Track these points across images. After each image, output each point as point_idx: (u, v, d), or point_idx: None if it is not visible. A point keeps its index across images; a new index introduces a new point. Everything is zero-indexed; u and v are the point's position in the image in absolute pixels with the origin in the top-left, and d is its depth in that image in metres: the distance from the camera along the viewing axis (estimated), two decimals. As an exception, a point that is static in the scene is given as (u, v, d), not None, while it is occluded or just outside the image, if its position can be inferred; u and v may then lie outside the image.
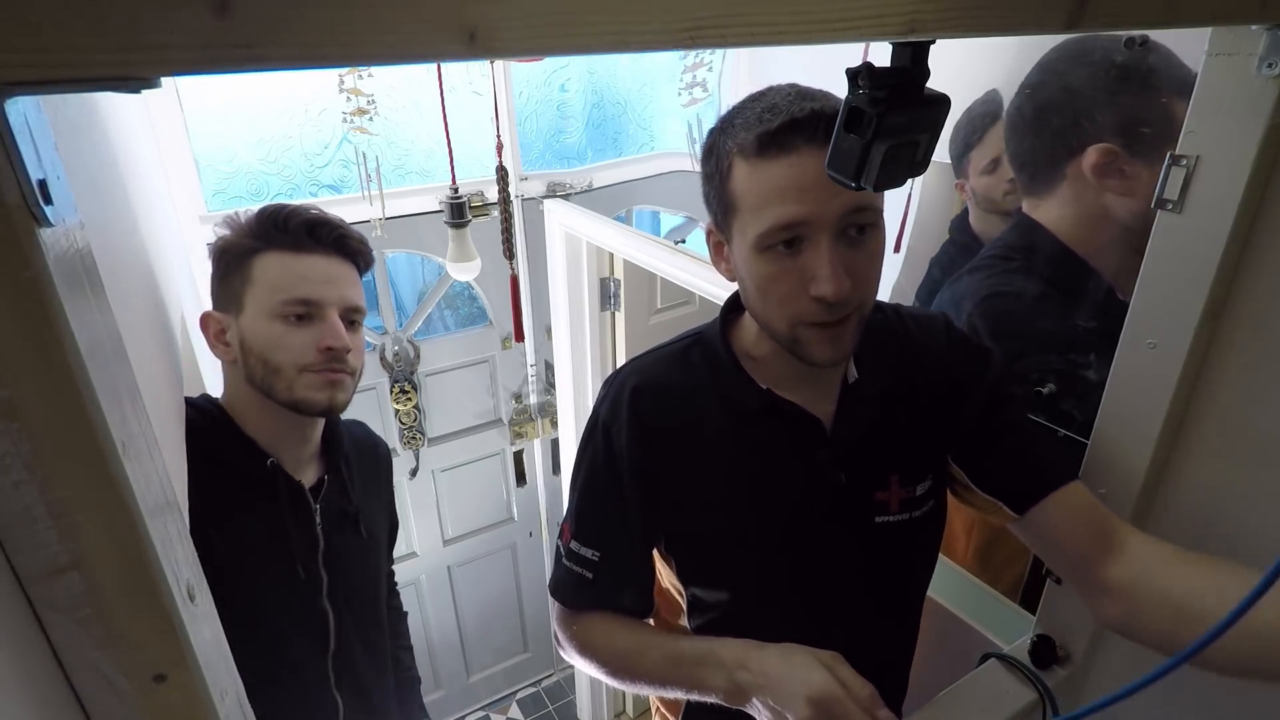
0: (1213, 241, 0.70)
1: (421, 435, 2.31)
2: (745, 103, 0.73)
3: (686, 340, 0.88)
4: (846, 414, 0.84)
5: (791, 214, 0.68)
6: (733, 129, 0.72)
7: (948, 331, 0.89)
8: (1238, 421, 0.76)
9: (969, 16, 0.43)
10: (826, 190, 0.66)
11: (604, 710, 2.66)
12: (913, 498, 0.86)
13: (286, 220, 0.92)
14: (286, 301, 0.90)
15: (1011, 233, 1.08)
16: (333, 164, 1.95)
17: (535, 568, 2.70)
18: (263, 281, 0.90)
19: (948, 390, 0.85)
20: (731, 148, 0.72)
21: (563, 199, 2.16)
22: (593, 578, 0.86)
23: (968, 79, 1.07)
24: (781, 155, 0.68)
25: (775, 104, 0.69)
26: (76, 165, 0.50)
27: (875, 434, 0.84)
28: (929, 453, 0.87)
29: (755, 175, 0.70)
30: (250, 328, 0.91)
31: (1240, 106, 0.66)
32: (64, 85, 0.26)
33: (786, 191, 0.68)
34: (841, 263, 0.70)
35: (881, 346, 0.86)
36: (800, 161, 0.67)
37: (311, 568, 0.98)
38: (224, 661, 0.47)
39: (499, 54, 0.32)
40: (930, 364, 0.86)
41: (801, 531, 0.85)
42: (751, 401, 0.82)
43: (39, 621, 0.35)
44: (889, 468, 0.85)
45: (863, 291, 0.73)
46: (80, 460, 0.33)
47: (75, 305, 0.32)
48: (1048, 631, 0.96)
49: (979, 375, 0.85)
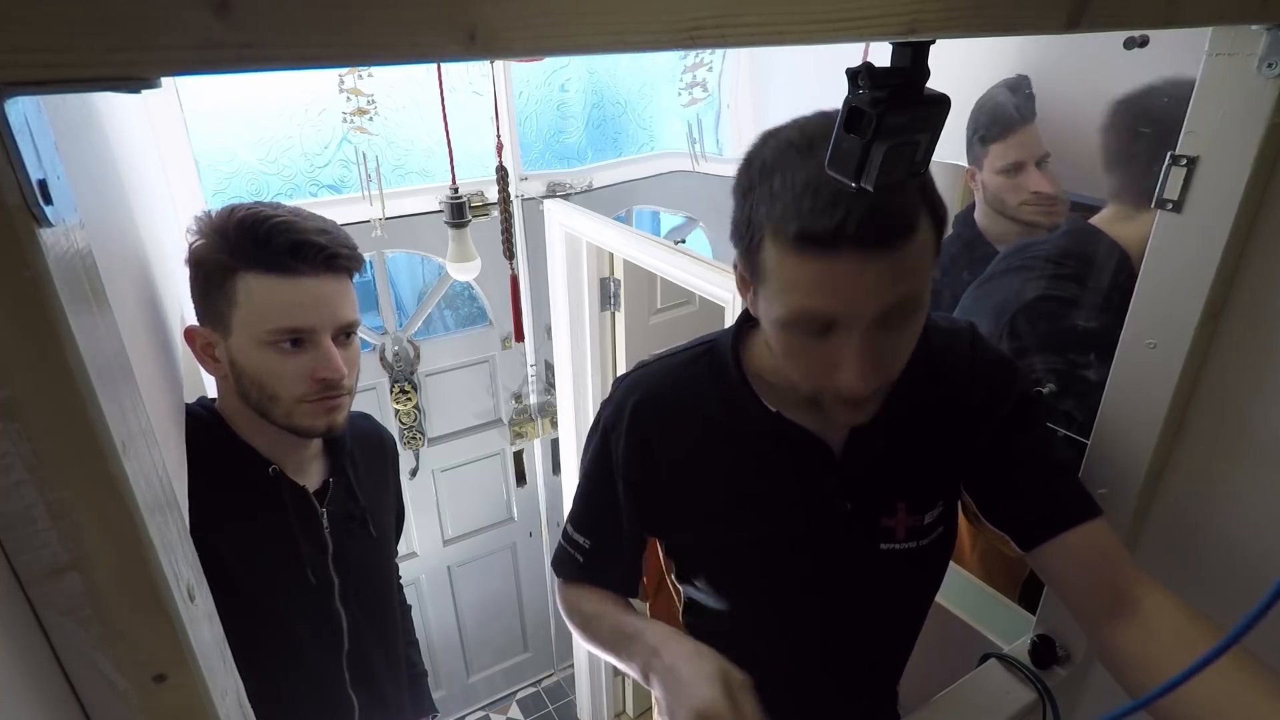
0: (1213, 241, 0.70)
1: (421, 435, 2.31)
2: (783, 153, 0.63)
3: (697, 349, 0.86)
4: (859, 443, 0.80)
5: (821, 309, 0.63)
6: (771, 196, 0.62)
7: (972, 347, 0.82)
8: (1238, 421, 0.76)
9: (969, 16, 0.43)
10: (865, 292, 0.61)
11: (604, 710, 2.66)
12: (920, 526, 0.83)
13: (268, 238, 0.84)
14: (276, 331, 0.85)
15: (1066, 239, 1.03)
16: (333, 164, 1.95)
17: (535, 568, 2.70)
18: (248, 306, 0.85)
19: (966, 414, 0.81)
20: (765, 222, 0.63)
21: (563, 199, 2.16)
22: (582, 561, 0.90)
23: (971, 78, 1.07)
24: (822, 256, 0.60)
25: (817, 187, 0.59)
26: (76, 165, 0.50)
27: (886, 462, 0.81)
28: (940, 480, 0.83)
29: (787, 265, 0.62)
30: (240, 351, 0.87)
31: (1240, 106, 0.66)
32: (64, 85, 0.26)
33: (820, 289, 0.62)
34: (873, 354, 0.64)
35: (905, 369, 0.81)
36: (841, 265, 0.60)
37: (321, 572, 0.98)
38: (224, 661, 0.47)
39: (499, 54, 0.32)
40: (950, 387, 0.81)
41: (802, 555, 0.83)
42: (758, 423, 0.80)
43: (39, 621, 0.35)
44: (897, 495, 0.82)
45: (892, 371, 0.68)
46: (80, 460, 0.33)
47: (75, 305, 0.32)
48: (1048, 631, 0.96)
49: (1000, 399, 0.80)
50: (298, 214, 0.88)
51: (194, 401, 0.96)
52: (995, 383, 0.81)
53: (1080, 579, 0.74)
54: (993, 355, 0.83)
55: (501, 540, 2.61)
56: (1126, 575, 0.72)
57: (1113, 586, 0.72)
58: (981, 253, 1.13)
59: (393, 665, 1.13)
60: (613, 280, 2.16)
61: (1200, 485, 0.81)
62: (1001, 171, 1.06)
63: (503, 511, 2.59)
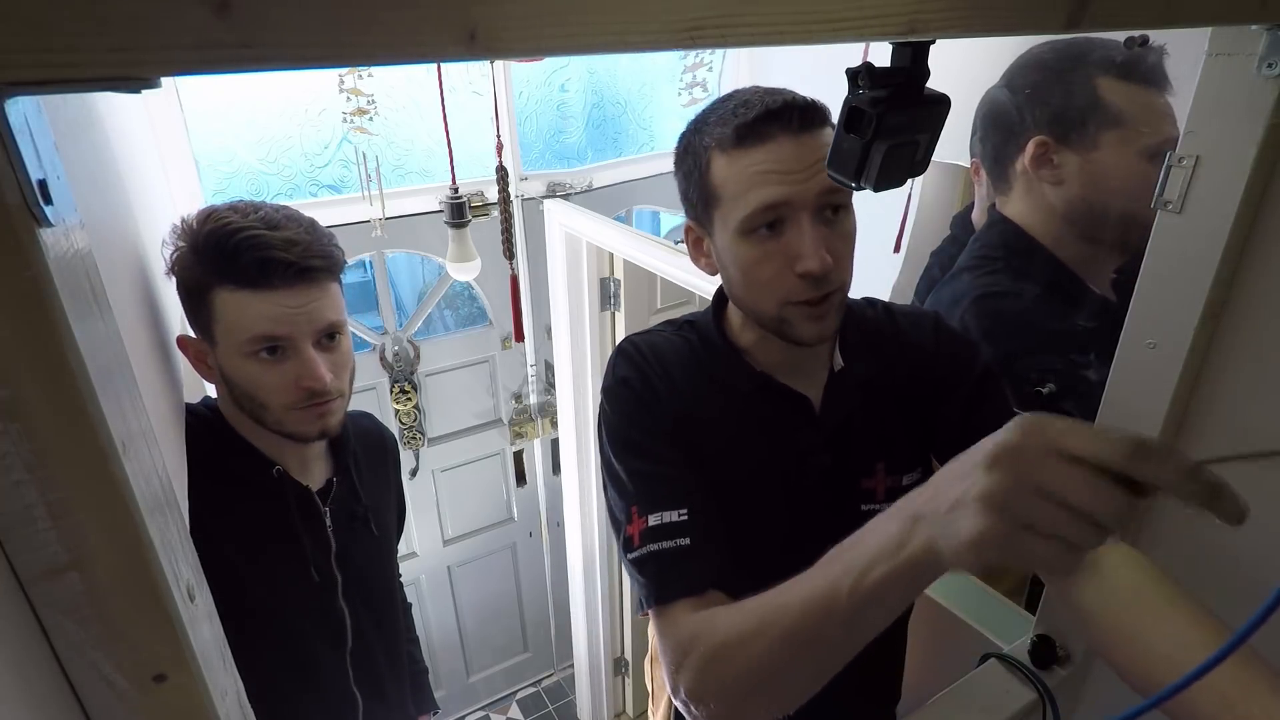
0: (1213, 241, 0.70)
1: (421, 435, 2.31)
2: (715, 104, 0.78)
3: (680, 323, 0.91)
4: (833, 397, 0.86)
5: (773, 195, 0.72)
6: (707, 126, 0.77)
7: (936, 329, 0.91)
8: (1238, 421, 0.76)
9: (969, 16, 0.43)
10: (804, 172, 0.72)
11: (604, 710, 2.67)
12: (899, 488, 0.87)
13: (235, 253, 0.82)
14: (252, 340, 0.85)
15: (988, 232, 1.09)
16: (333, 164, 1.95)
17: (535, 568, 2.71)
18: (224, 320, 0.84)
19: (932, 387, 0.87)
20: (710, 143, 0.76)
21: (563, 199, 2.16)
22: (690, 543, 0.71)
23: (970, 78, 1.07)
24: (759, 144, 0.72)
25: (747, 99, 0.74)
26: (76, 165, 0.50)
27: (861, 420, 0.86)
28: (916, 446, 0.89)
29: (735, 164, 0.74)
30: (226, 362, 0.87)
31: (1240, 106, 0.66)
32: (64, 85, 0.26)
33: (767, 175, 0.72)
34: (822, 241, 0.73)
35: (869, 339, 0.89)
36: (778, 148, 0.72)
37: (325, 569, 0.98)
38: (224, 661, 0.47)
39: (499, 54, 0.32)
40: (916, 359, 0.88)
41: (788, 512, 0.85)
42: (746, 382, 0.84)
43: (39, 621, 0.35)
44: (875, 455, 0.87)
45: (842, 270, 0.76)
46: (80, 460, 0.33)
47: (75, 305, 0.32)
48: (1048, 631, 0.96)
49: (963, 372, 0.87)
50: (269, 222, 0.85)
51: (198, 401, 0.96)
52: (958, 359, 0.88)
53: None
54: (955, 334, 0.92)
55: (501, 540, 2.61)
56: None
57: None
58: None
59: (395, 662, 1.13)
60: (613, 280, 2.16)
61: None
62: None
63: (503, 511, 2.59)
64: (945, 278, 1.14)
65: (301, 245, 0.85)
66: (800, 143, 0.72)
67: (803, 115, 0.72)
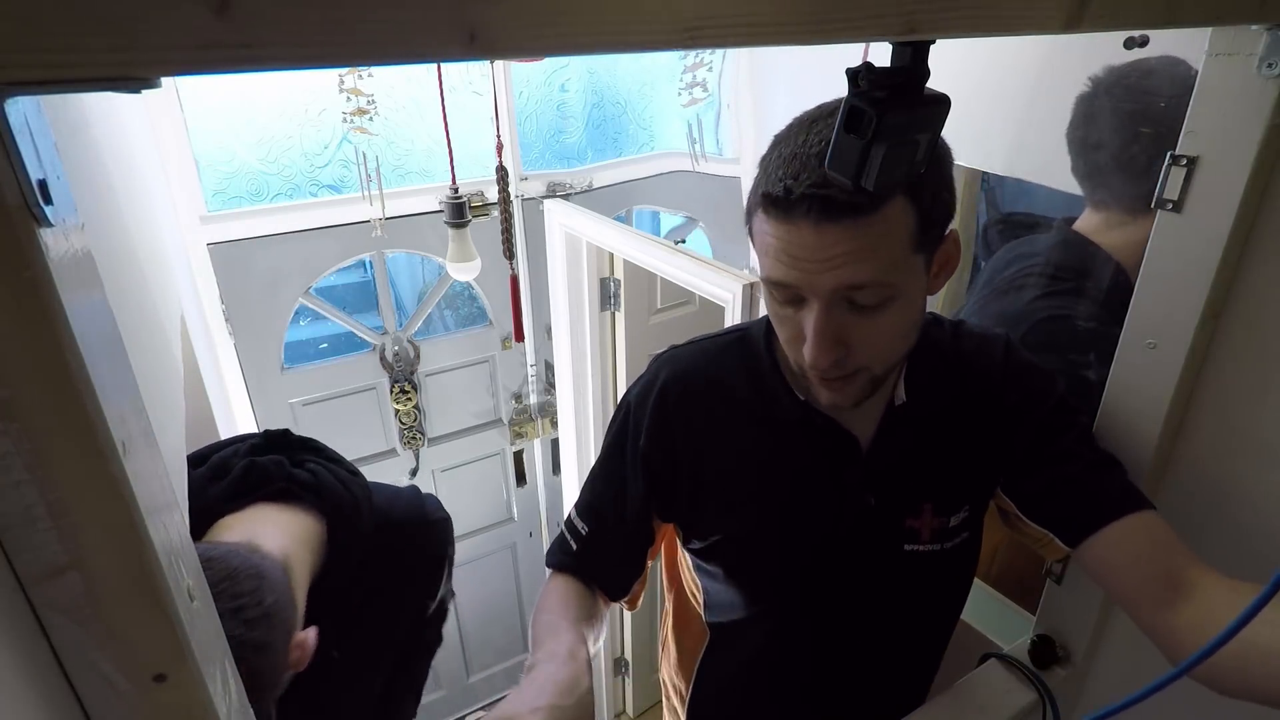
0: (1213, 241, 0.70)
1: (421, 435, 2.31)
2: (787, 132, 0.68)
3: (732, 335, 0.87)
4: (887, 437, 0.80)
5: (784, 277, 0.67)
6: (767, 162, 0.68)
7: (1006, 354, 0.83)
8: (1238, 421, 0.76)
9: (969, 16, 0.43)
10: (818, 264, 0.64)
11: (604, 710, 2.66)
12: (945, 528, 0.82)
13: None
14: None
15: (1059, 251, 1.00)
16: (333, 164, 1.95)
17: (535, 568, 2.70)
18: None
19: (999, 417, 0.80)
20: (757, 188, 0.69)
21: (563, 199, 2.16)
22: (575, 548, 0.88)
23: (971, 78, 1.07)
24: (780, 220, 0.65)
25: (788, 158, 0.65)
26: (76, 165, 0.50)
27: (913, 459, 0.81)
28: (969, 483, 0.83)
29: (761, 226, 0.68)
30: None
31: (1240, 106, 0.66)
32: (64, 85, 0.26)
33: (781, 255, 0.66)
34: (836, 331, 0.67)
35: (935, 368, 0.81)
36: (797, 232, 0.64)
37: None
38: (224, 661, 0.47)
39: (499, 54, 0.32)
40: (983, 389, 0.81)
41: (824, 551, 0.83)
42: (785, 412, 0.80)
43: (39, 622, 0.35)
44: (923, 495, 0.81)
45: (866, 356, 0.70)
46: (80, 460, 0.33)
47: (75, 305, 0.32)
48: (1048, 631, 0.96)
49: (1036, 402, 0.80)
50: (218, 591, 0.62)
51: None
52: (1031, 387, 0.81)
53: (1131, 569, 0.72)
54: (1027, 361, 0.83)
55: (501, 540, 2.61)
56: (1180, 562, 0.69)
57: (1166, 575, 0.69)
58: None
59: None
60: (613, 280, 2.16)
61: (1201, 486, 0.81)
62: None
63: (503, 511, 2.59)
64: (982, 290, 1.07)
65: (236, 618, 0.64)
66: (820, 232, 0.63)
67: (824, 207, 0.62)
